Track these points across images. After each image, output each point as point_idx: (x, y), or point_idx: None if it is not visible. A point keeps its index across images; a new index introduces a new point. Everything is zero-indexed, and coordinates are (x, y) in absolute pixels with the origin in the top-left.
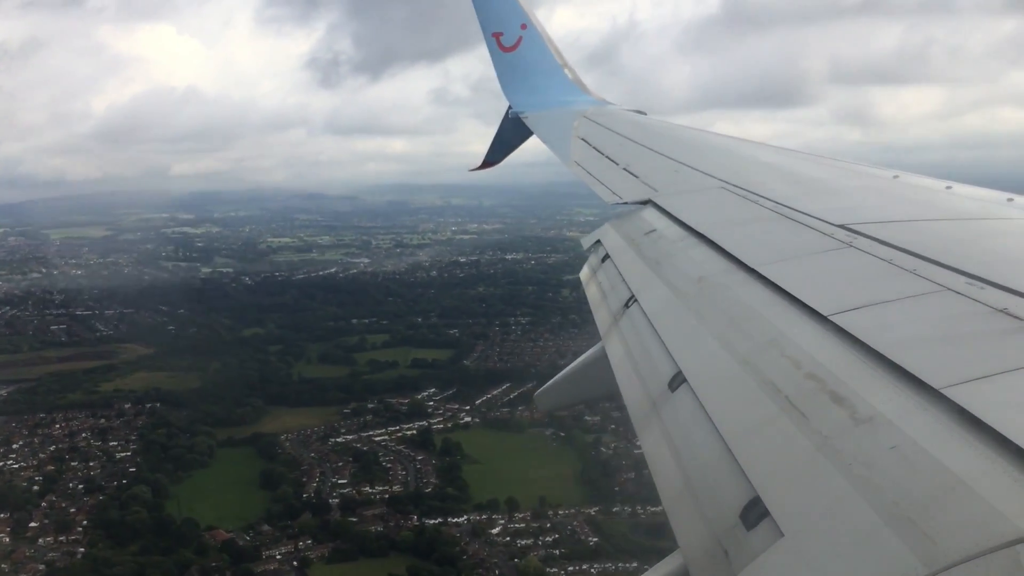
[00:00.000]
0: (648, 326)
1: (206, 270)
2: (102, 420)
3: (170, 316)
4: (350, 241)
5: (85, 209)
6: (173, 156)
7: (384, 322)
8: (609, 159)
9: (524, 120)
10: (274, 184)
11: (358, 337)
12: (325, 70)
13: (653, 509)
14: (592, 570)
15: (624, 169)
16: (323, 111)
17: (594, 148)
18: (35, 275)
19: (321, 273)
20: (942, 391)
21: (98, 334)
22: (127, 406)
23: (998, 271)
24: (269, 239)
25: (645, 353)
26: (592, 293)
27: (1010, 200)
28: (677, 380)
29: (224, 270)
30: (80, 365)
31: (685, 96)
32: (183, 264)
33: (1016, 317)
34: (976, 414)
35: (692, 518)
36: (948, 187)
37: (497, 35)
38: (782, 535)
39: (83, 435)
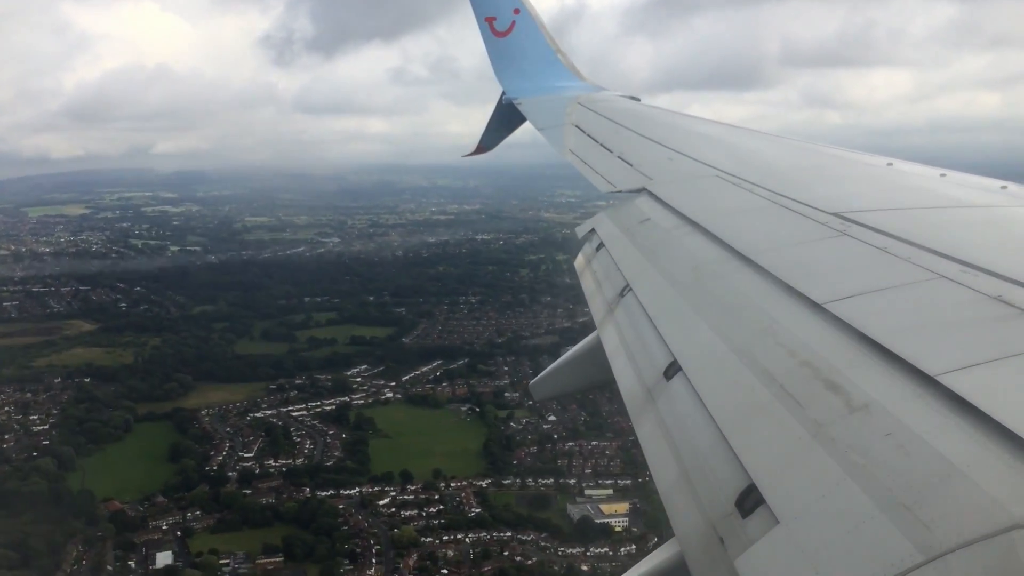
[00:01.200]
0: (643, 315)
1: (174, 248)
2: (28, 394)
3: (124, 294)
4: (327, 221)
5: (68, 187)
6: (149, 134)
7: (336, 300)
8: (603, 146)
9: (518, 106)
10: (259, 164)
11: (304, 315)
12: (279, 48)
13: (543, 482)
14: (467, 539)
15: (618, 157)
16: (291, 90)
17: (588, 135)
18: (3, 252)
19: (288, 252)
20: (937, 378)
21: (49, 311)
22: (56, 380)
23: (992, 258)
24: (247, 218)
25: (640, 342)
26: (587, 282)
27: (1004, 188)
28: (672, 369)
29: (192, 249)
30: (22, 340)
31: (647, 77)
32: (153, 243)
33: (1010, 304)
34: (971, 401)
35: (688, 506)
36: (942, 175)
37: (490, 20)
38: (778, 522)
39: (5, 408)
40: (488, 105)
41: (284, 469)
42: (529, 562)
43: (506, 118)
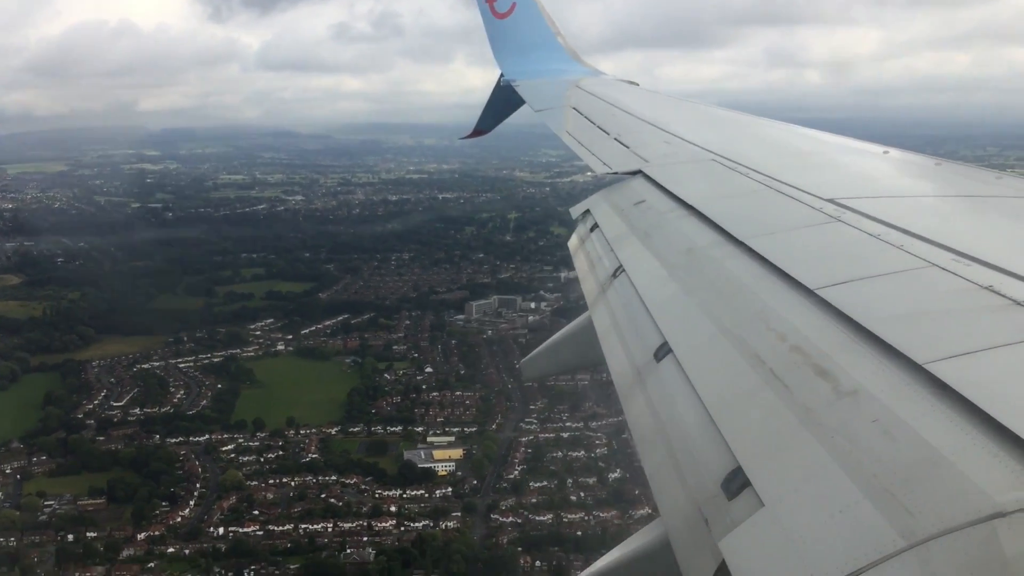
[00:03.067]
0: (635, 296)
1: (135, 205)
2: None
3: (65, 248)
4: (299, 180)
5: (54, 144)
6: (128, 91)
7: (271, 257)
8: (600, 129)
9: (516, 88)
10: (247, 122)
11: (231, 271)
12: (215, 4)
13: (392, 429)
14: (292, 483)
15: (615, 139)
16: (252, 46)
17: (586, 118)
18: None
19: (246, 210)
20: (925, 366)
21: None
22: None
23: (984, 248)
24: (222, 176)
25: (632, 323)
26: (580, 262)
27: (998, 178)
28: (663, 351)
29: (154, 206)
30: None
31: (599, 33)
32: (116, 199)
33: (1001, 294)
34: (958, 390)
35: (674, 487)
36: (937, 163)
37: (490, 1)
38: (763, 505)
39: None
40: (451, 64)
41: (143, 417)
42: (340, 503)
43: (504, 100)
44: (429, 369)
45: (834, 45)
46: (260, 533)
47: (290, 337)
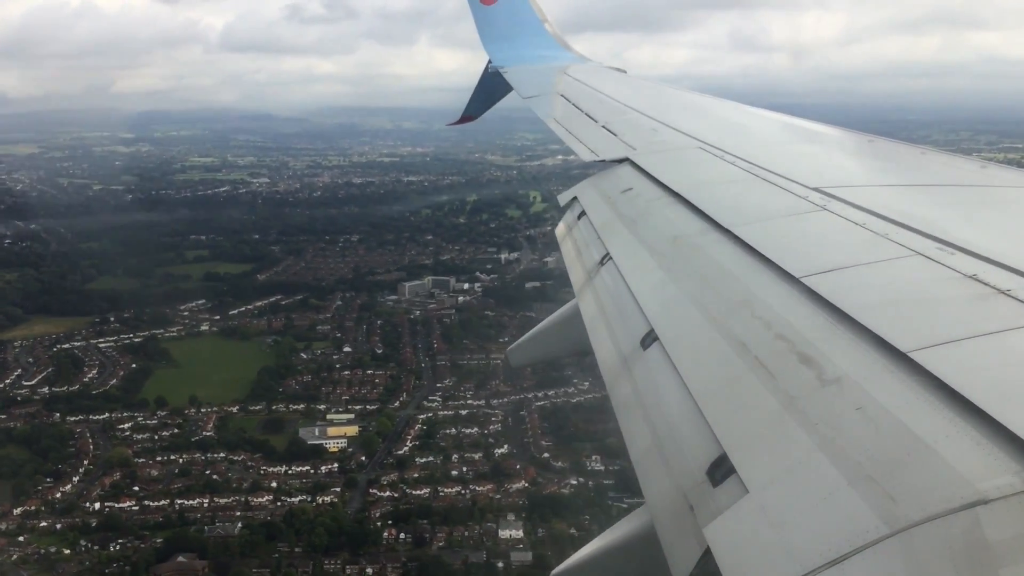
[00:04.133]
0: (622, 284)
1: (98, 187)
2: None
3: (17, 230)
4: (269, 162)
5: (30, 127)
6: (97, 73)
7: (219, 238)
8: (588, 116)
9: (504, 75)
10: (224, 105)
11: (174, 252)
12: None
13: (295, 407)
14: (180, 459)
15: (603, 127)
16: (213, 28)
17: (573, 105)
18: None
19: (209, 192)
20: (909, 355)
21: None
22: None
23: (969, 237)
24: (193, 158)
25: (618, 311)
26: (567, 250)
27: (983, 167)
28: (649, 338)
29: (115, 188)
30: None
31: (557, 18)
32: (79, 181)
33: (985, 283)
34: (942, 378)
35: (659, 474)
36: (922, 152)
37: None
38: (747, 492)
39: None
40: (414, 46)
41: (48, 396)
42: (220, 479)
43: (492, 87)
44: (347, 348)
45: (796, 29)
46: (135, 508)
47: (217, 318)
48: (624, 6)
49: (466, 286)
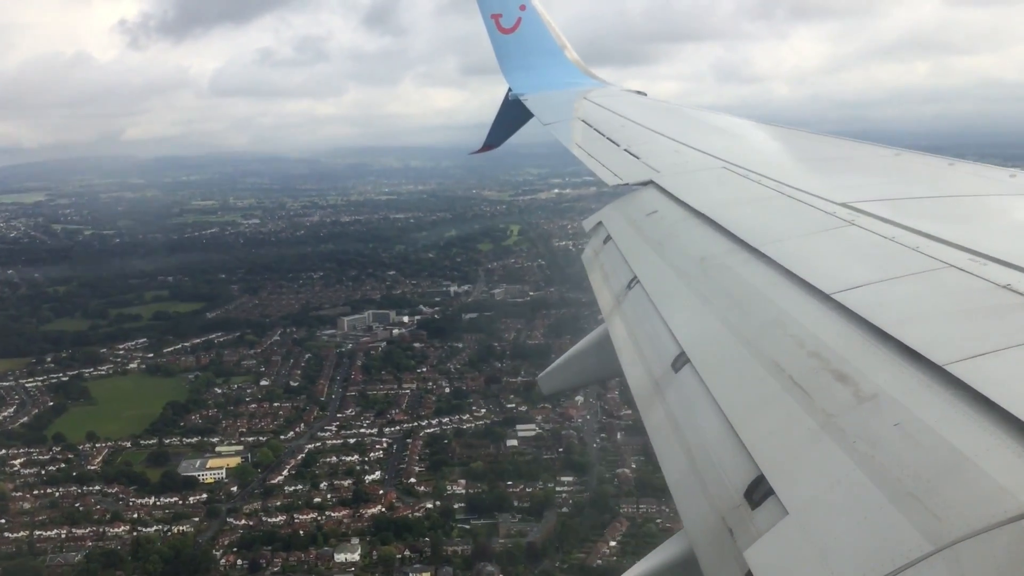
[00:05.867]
0: (651, 307)
1: (88, 232)
2: None
3: None
4: (267, 204)
5: (42, 175)
6: (78, 120)
7: (185, 279)
8: (610, 140)
9: (524, 102)
10: (236, 149)
11: (134, 294)
12: (134, 32)
13: (188, 441)
14: (57, 492)
15: (625, 150)
16: (200, 73)
17: (595, 129)
18: None
19: (196, 234)
20: (946, 368)
21: None
22: None
23: (1001, 247)
24: (196, 202)
25: (648, 334)
26: (595, 275)
27: (1012, 176)
28: (680, 361)
29: (106, 233)
30: None
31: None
32: (72, 227)
33: (1019, 293)
34: (980, 390)
35: (696, 498)
36: (950, 163)
37: (496, 16)
38: (787, 513)
39: None
40: (398, 86)
41: None
42: (85, 511)
43: (512, 114)
44: (264, 382)
45: (776, 60)
46: None
47: (151, 355)
48: (594, 42)
49: (406, 319)
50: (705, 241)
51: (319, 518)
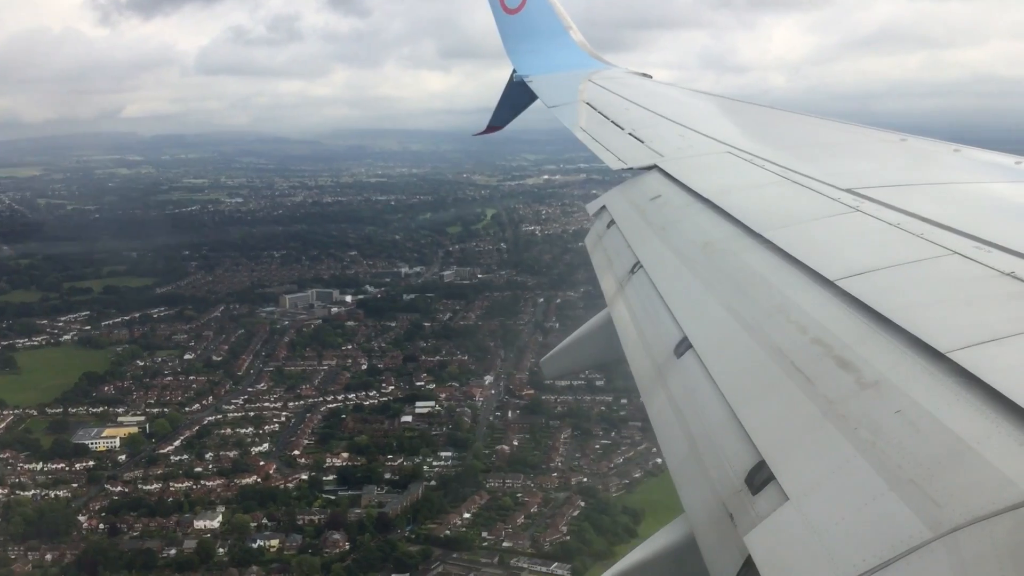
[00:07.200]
0: (654, 292)
1: (70, 207)
2: None
3: None
4: (258, 183)
5: (43, 150)
6: (70, 96)
7: (149, 255)
8: (615, 124)
9: (529, 84)
10: (238, 128)
11: (92, 267)
12: (104, 9)
13: (94, 410)
14: None
15: (630, 134)
16: (185, 51)
17: (600, 113)
18: None
19: (177, 211)
20: (948, 355)
21: None
22: None
23: (1006, 234)
24: (187, 180)
25: (651, 319)
26: (598, 259)
27: (1018, 163)
28: (683, 346)
29: (87, 208)
30: None
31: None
32: (56, 202)
33: (1023, 280)
34: (982, 378)
35: (698, 483)
36: (956, 150)
37: None
38: (787, 499)
39: None
40: (383, 67)
41: None
42: None
43: (517, 96)
44: (188, 356)
45: (760, 50)
46: None
47: (87, 328)
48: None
49: (348, 298)
50: (709, 226)
51: (194, 486)
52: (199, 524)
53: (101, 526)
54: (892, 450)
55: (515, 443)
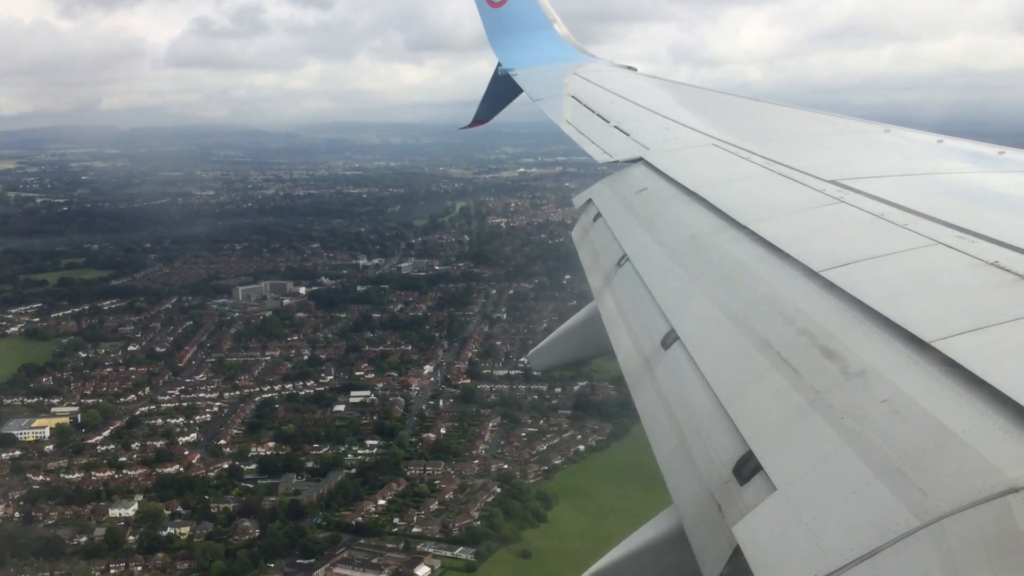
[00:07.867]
0: (641, 285)
1: (40, 199)
2: None
3: None
4: (232, 176)
5: (21, 143)
6: (45, 89)
7: (108, 247)
8: (600, 117)
9: (514, 77)
10: (217, 121)
11: (52, 260)
12: (66, 1)
13: (29, 401)
14: None
15: (615, 127)
16: (155, 43)
17: (585, 106)
18: None
19: (145, 204)
20: (933, 344)
21: None
22: None
23: (989, 224)
24: (161, 172)
25: (638, 312)
26: (584, 252)
27: (1001, 153)
28: (670, 338)
29: (56, 201)
30: None
31: (469, 34)
32: (25, 194)
33: (1006, 270)
34: (967, 367)
35: (686, 474)
36: (939, 141)
37: None
38: (775, 489)
39: None
40: (353, 59)
41: None
42: None
43: (501, 89)
44: (133, 347)
45: (728, 43)
46: None
47: (36, 320)
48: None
49: (302, 290)
50: (695, 219)
51: (115, 476)
52: (114, 512)
53: (16, 514)
54: (878, 439)
55: (443, 431)
